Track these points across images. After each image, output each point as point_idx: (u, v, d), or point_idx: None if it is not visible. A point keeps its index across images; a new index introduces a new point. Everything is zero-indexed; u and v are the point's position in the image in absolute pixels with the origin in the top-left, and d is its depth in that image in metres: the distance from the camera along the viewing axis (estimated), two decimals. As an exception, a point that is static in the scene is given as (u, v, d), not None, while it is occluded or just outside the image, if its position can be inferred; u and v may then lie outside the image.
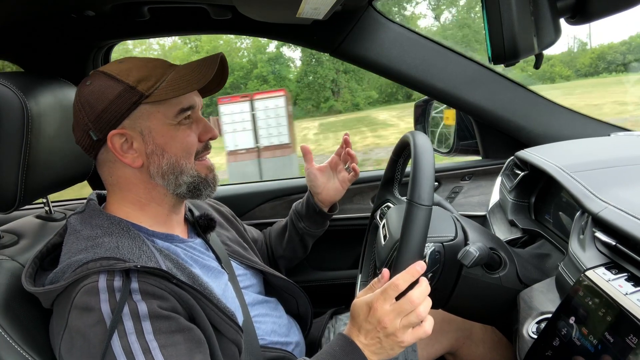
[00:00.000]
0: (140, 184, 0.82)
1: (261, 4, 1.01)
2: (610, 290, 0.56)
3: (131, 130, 0.78)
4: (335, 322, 1.18)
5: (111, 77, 0.77)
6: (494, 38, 0.67)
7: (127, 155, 0.79)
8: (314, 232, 1.19)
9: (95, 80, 0.78)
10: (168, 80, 0.78)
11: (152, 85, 0.77)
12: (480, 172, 1.47)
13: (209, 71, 0.78)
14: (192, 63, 0.81)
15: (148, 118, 0.78)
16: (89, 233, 0.76)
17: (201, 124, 0.84)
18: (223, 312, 0.76)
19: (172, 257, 0.79)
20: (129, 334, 0.64)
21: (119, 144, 0.78)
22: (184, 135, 0.81)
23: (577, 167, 0.83)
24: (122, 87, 0.76)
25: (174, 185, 0.82)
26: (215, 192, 0.88)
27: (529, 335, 0.70)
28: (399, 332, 0.69)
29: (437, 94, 1.32)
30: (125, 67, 0.79)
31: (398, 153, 1.04)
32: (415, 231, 0.69)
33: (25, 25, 1.15)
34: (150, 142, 0.79)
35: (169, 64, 0.83)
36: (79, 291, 0.67)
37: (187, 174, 0.82)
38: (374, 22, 1.25)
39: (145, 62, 0.81)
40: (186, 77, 0.78)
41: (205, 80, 0.77)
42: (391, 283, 0.69)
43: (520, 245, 1.01)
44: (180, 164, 0.81)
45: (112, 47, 1.43)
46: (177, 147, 0.80)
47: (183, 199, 0.86)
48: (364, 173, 1.60)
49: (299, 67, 30.58)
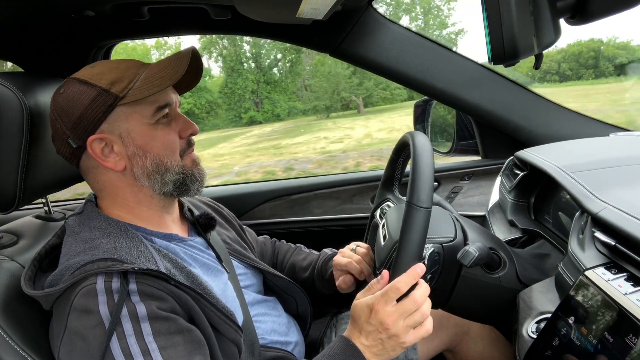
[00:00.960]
0: (126, 187, 0.81)
1: (261, 4, 1.01)
2: (609, 290, 0.56)
3: (110, 134, 0.78)
4: (336, 322, 1.18)
5: (84, 82, 0.77)
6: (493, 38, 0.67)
7: (109, 160, 0.78)
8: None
9: (69, 87, 0.78)
10: (141, 80, 0.77)
11: (125, 86, 0.76)
12: (479, 172, 1.47)
13: (180, 66, 0.77)
14: (164, 60, 0.80)
15: (126, 120, 0.78)
16: (87, 235, 0.76)
17: (180, 121, 0.83)
18: (222, 312, 0.76)
19: (171, 256, 0.79)
20: (128, 336, 0.64)
21: (99, 149, 0.78)
22: (163, 134, 0.80)
23: (576, 167, 0.83)
24: (96, 91, 0.76)
25: (160, 184, 0.81)
26: (203, 186, 0.87)
27: (529, 335, 0.70)
28: (401, 332, 0.69)
29: (436, 94, 1.32)
30: (97, 71, 0.78)
31: (398, 152, 1.04)
32: (414, 233, 0.69)
33: (25, 25, 1.15)
34: (130, 144, 0.78)
35: (141, 63, 0.82)
36: (78, 293, 0.66)
37: (172, 172, 0.81)
38: (373, 22, 1.25)
39: (117, 63, 0.80)
40: (159, 74, 0.77)
41: (178, 75, 0.76)
42: (392, 286, 0.69)
43: (520, 245, 1.01)
44: (164, 162, 0.80)
45: (112, 47, 1.43)
46: (158, 147, 0.80)
47: (171, 197, 0.85)
48: (364, 173, 1.60)
49: (218, 77, 30.55)
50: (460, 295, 0.82)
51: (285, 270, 1.17)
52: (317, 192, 1.57)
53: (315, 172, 7.76)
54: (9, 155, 0.79)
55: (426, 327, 0.72)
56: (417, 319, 0.70)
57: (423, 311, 0.70)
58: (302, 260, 1.16)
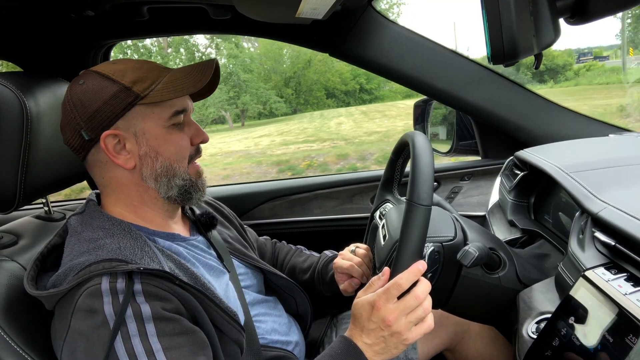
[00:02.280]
0: (132, 186, 0.81)
1: (260, 3, 1.01)
2: (609, 290, 0.56)
3: (125, 131, 0.78)
4: (336, 322, 1.18)
5: (106, 77, 0.77)
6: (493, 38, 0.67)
7: (120, 157, 0.79)
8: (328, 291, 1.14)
9: (89, 79, 0.78)
10: (164, 83, 0.79)
11: (147, 87, 0.77)
12: (479, 172, 1.47)
13: (204, 76, 0.79)
14: (187, 67, 0.82)
15: (142, 119, 0.78)
16: (91, 235, 0.76)
17: (193, 128, 0.85)
18: (225, 313, 0.76)
19: (174, 257, 0.79)
20: (133, 336, 0.64)
21: (112, 144, 0.78)
22: (177, 139, 0.81)
23: (576, 167, 0.83)
24: (118, 87, 0.76)
25: (165, 187, 0.81)
26: (204, 197, 0.88)
27: (529, 336, 0.70)
28: (404, 329, 0.69)
29: (436, 94, 1.32)
30: (120, 68, 0.78)
31: (397, 153, 1.04)
32: (415, 231, 0.69)
33: (25, 25, 1.15)
34: (143, 144, 0.79)
35: (163, 67, 0.83)
36: (82, 294, 0.66)
37: (179, 177, 0.82)
38: (373, 22, 1.25)
39: (141, 63, 0.81)
40: (182, 81, 0.79)
41: (202, 84, 0.78)
42: (394, 282, 0.69)
43: (520, 246, 1.01)
44: (173, 167, 0.81)
45: (111, 47, 1.43)
46: (170, 150, 0.80)
47: (174, 203, 0.85)
48: (364, 173, 1.60)
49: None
50: (460, 295, 0.82)
51: (285, 272, 1.17)
52: (317, 192, 1.57)
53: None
54: (9, 155, 0.79)
55: (428, 323, 0.71)
56: (420, 314, 0.70)
57: (425, 307, 0.70)
58: (302, 262, 1.16)
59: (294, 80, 24.32)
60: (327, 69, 24.72)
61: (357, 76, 25.14)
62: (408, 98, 22.63)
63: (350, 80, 25.22)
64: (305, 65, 24.33)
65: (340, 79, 24.98)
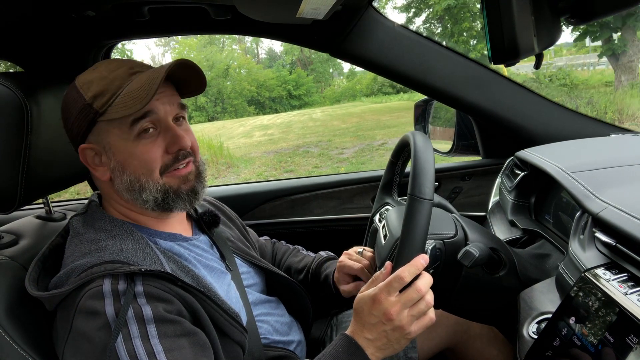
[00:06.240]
0: (116, 195, 0.82)
1: (261, 4, 1.01)
2: (610, 290, 0.56)
3: (97, 144, 0.78)
4: (337, 322, 1.18)
5: (77, 89, 0.77)
6: (494, 38, 0.67)
7: (99, 169, 0.80)
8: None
9: (70, 89, 0.79)
10: (121, 96, 0.75)
11: (105, 102, 0.75)
12: (480, 172, 1.47)
13: (151, 90, 0.72)
14: (145, 75, 0.76)
15: (107, 134, 0.77)
16: (93, 236, 0.76)
17: (169, 135, 0.78)
18: (228, 314, 0.76)
19: (176, 258, 0.79)
20: (134, 338, 0.64)
21: (91, 157, 0.79)
22: (143, 151, 0.76)
23: (577, 167, 0.83)
24: (82, 103, 0.76)
25: (140, 200, 0.79)
26: (197, 201, 0.83)
27: (529, 336, 0.70)
28: (406, 323, 0.69)
29: (437, 94, 1.32)
30: (90, 79, 0.77)
31: (397, 155, 1.04)
32: (417, 224, 0.69)
33: (25, 25, 1.15)
34: (112, 158, 0.78)
35: (133, 71, 0.78)
36: (84, 295, 0.67)
37: (149, 190, 0.78)
38: (374, 22, 1.25)
39: (110, 70, 0.77)
40: (134, 94, 0.74)
41: (148, 99, 0.72)
42: (396, 275, 0.68)
43: (520, 246, 1.01)
44: (140, 181, 0.77)
45: (112, 47, 1.43)
46: (135, 165, 0.77)
47: (159, 210, 0.81)
48: (364, 173, 1.60)
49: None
50: (461, 295, 0.82)
51: (288, 271, 1.17)
52: (317, 192, 1.57)
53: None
54: (10, 155, 0.79)
55: (430, 316, 0.71)
56: (422, 308, 0.69)
57: (427, 300, 0.69)
58: (297, 262, 1.16)
59: (212, 89, 24.31)
60: (244, 78, 25.14)
61: (284, 82, 25.55)
62: (337, 103, 22.92)
63: (277, 86, 25.49)
64: (222, 74, 24.70)
65: (265, 86, 25.14)
